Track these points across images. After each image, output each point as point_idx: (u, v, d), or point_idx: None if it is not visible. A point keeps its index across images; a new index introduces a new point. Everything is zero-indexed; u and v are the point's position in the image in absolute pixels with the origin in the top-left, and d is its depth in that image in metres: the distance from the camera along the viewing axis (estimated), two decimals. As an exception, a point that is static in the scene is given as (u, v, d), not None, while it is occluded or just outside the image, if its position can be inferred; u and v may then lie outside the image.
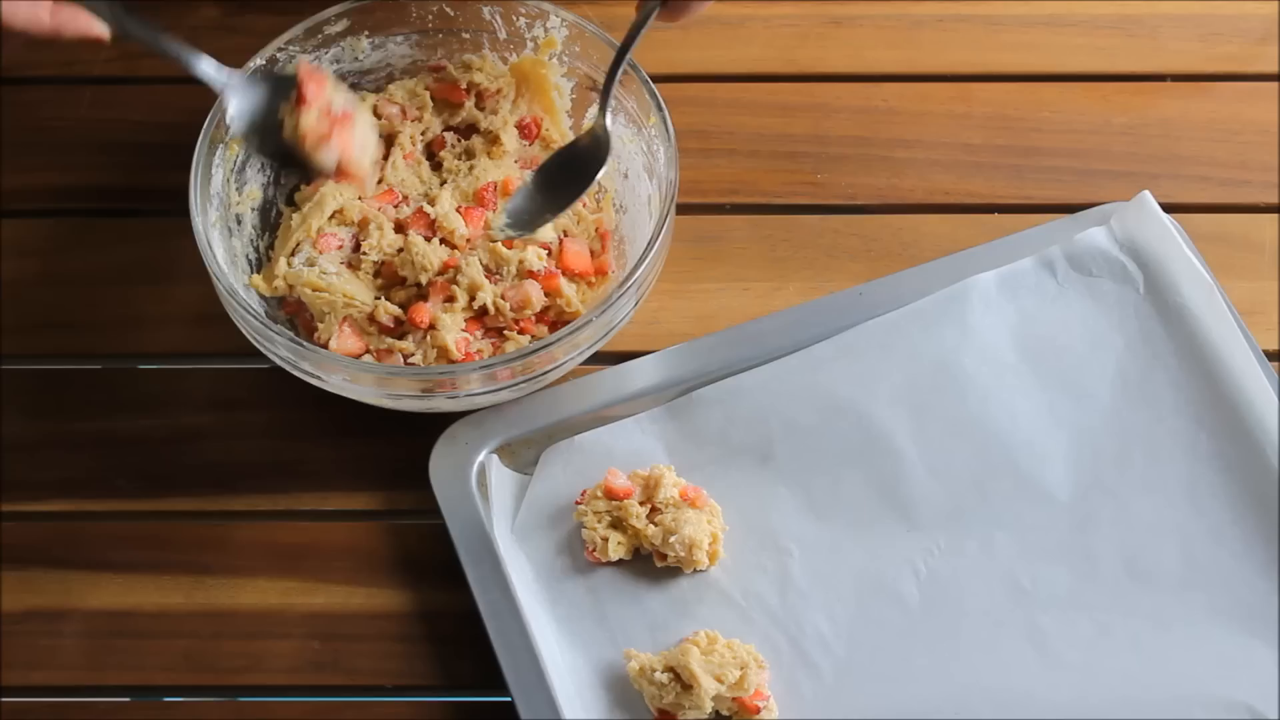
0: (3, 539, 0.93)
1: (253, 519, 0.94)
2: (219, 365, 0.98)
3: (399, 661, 0.90)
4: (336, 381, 0.90)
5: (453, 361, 0.91)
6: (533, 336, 0.93)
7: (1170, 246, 0.96)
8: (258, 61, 0.94)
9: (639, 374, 0.95)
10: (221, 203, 0.94)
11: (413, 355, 0.92)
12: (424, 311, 0.92)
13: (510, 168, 0.99)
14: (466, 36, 1.00)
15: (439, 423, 0.93)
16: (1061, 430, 0.92)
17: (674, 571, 0.90)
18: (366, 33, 0.98)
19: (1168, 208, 0.98)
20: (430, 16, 0.99)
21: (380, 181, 0.98)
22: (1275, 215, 1.02)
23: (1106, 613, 0.88)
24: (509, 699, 0.86)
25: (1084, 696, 0.86)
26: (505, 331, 0.93)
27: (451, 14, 0.99)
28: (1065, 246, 0.97)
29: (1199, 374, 0.93)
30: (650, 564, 0.90)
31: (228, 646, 0.90)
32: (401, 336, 0.93)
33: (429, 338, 0.92)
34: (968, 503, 0.90)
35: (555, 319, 0.94)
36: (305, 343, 0.88)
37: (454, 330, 0.92)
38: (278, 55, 0.95)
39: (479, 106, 1.00)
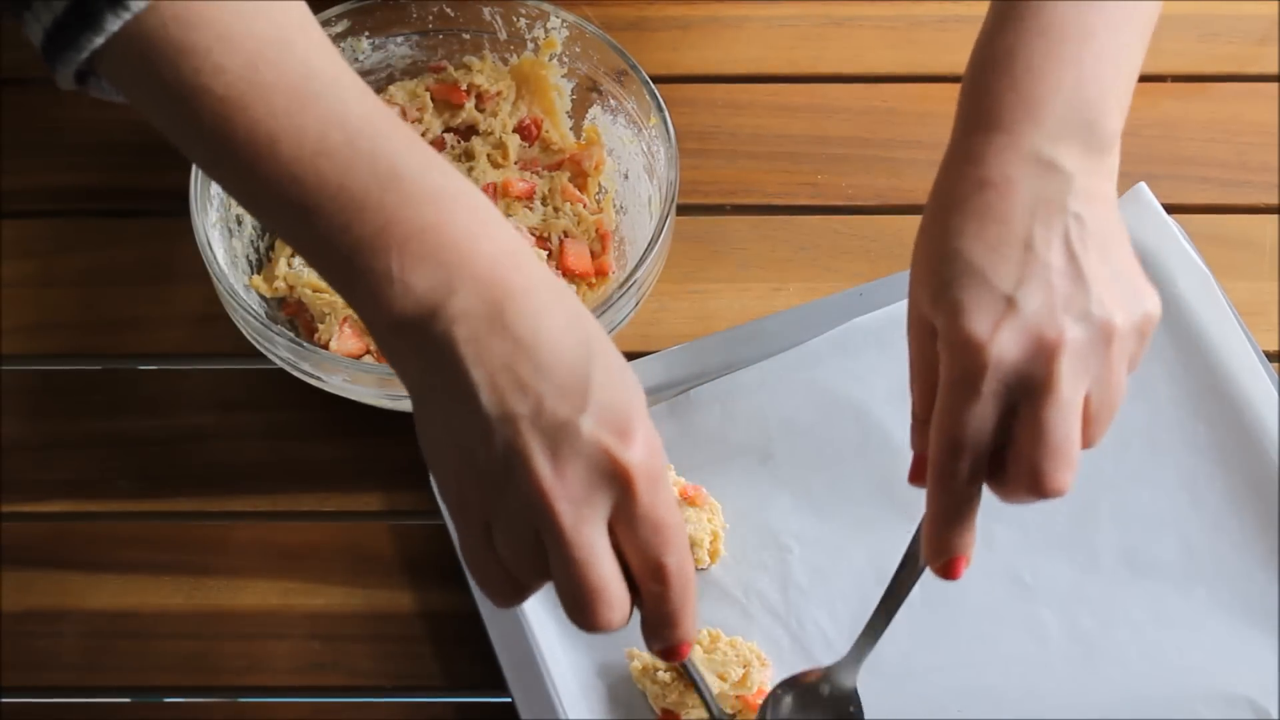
0: (3, 539, 0.92)
1: (253, 519, 0.94)
2: (219, 366, 0.98)
3: (399, 662, 0.90)
4: (337, 382, 0.90)
5: None
6: None
7: (1167, 238, 0.96)
8: None
9: (639, 374, 0.92)
10: (222, 203, 0.94)
11: None
12: (425, 311, 0.92)
13: (510, 169, 0.99)
14: (467, 37, 1.00)
15: (439, 423, 0.93)
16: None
17: (675, 570, 0.90)
18: (367, 33, 0.98)
19: (1168, 208, 0.98)
20: (430, 17, 0.99)
21: None
22: (1275, 215, 1.02)
23: (1107, 606, 0.88)
24: (509, 699, 0.86)
25: (1086, 692, 0.85)
26: (506, 333, 0.93)
27: (452, 14, 0.99)
28: (1063, 240, 0.97)
29: (1196, 365, 0.93)
30: (651, 563, 0.90)
31: (228, 647, 0.90)
32: (403, 336, 0.93)
33: (430, 338, 0.92)
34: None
35: (556, 322, 0.94)
36: (305, 343, 0.88)
37: (455, 330, 0.92)
38: (278, 54, 0.96)
39: (479, 108, 1.00)
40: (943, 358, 0.71)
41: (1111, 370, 0.71)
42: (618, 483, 0.65)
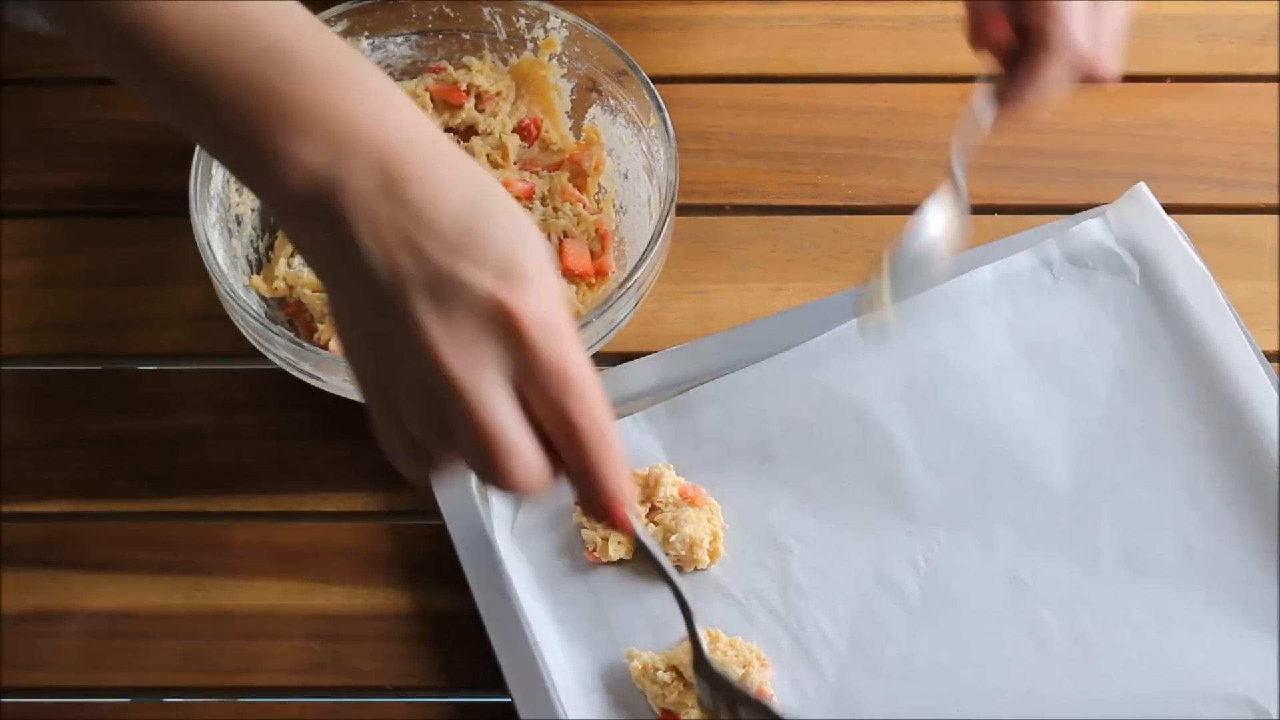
0: (3, 539, 0.92)
1: (253, 519, 0.94)
2: (219, 366, 0.98)
3: (399, 662, 0.90)
4: (336, 382, 0.90)
5: None
6: None
7: (1166, 238, 0.96)
8: None
9: (638, 374, 0.95)
10: (221, 203, 0.94)
11: None
12: (425, 313, 0.92)
13: (510, 169, 0.99)
14: (466, 37, 1.00)
15: (439, 423, 0.93)
16: (1059, 424, 0.92)
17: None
18: (366, 33, 0.98)
19: (1168, 208, 0.98)
20: (430, 17, 0.99)
21: None
22: (1275, 216, 1.02)
23: (1107, 606, 0.88)
24: (509, 699, 0.86)
25: (1085, 692, 0.85)
26: (504, 333, 0.93)
27: (451, 14, 0.99)
28: (1061, 240, 0.97)
29: (1196, 365, 0.93)
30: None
31: (228, 647, 0.90)
32: (400, 337, 0.93)
33: (428, 339, 0.92)
34: (967, 497, 0.91)
35: (555, 324, 0.94)
36: (305, 344, 0.88)
37: (453, 331, 0.92)
38: (277, 53, 0.96)
39: (478, 108, 1.00)
40: None
41: None
42: (509, 330, 0.64)
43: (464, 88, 1.00)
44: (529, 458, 0.65)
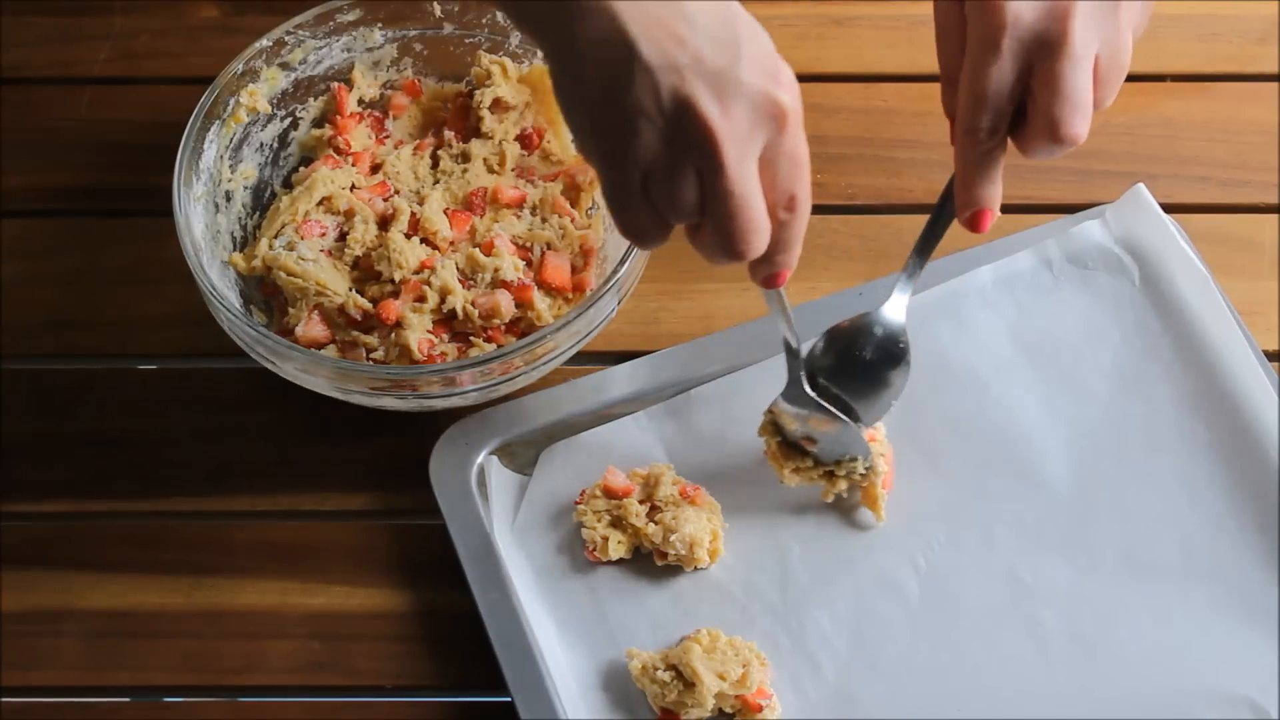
0: (3, 539, 0.93)
1: (252, 519, 0.94)
2: (218, 365, 0.98)
3: (399, 661, 0.90)
4: (290, 370, 0.89)
5: (414, 362, 0.91)
6: (499, 346, 0.92)
7: (1165, 238, 0.96)
8: (264, 43, 0.96)
9: (639, 374, 0.95)
10: (211, 178, 0.95)
11: (375, 351, 0.92)
12: (392, 309, 0.92)
13: (506, 175, 0.99)
14: (479, 41, 1.00)
15: (439, 423, 0.93)
16: (1059, 423, 0.92)
17: (675, 570, 0.90)
18: (380, 24, 0.98)
19: (1167, 208, 0.98)
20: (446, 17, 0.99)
21: (380, 170, 0.98)
22: (1275, 215, 1.02)
23: (1106, 606, 0.88)
24: (509, 699, 0.86)
25: (1085, 691, 0.86)
26: (472, 338, 0.93)
27: (467, 15, 0.99)
28: (1061, 241, 0.97)
29: (1195, 365, 0.93)
30: (650, 563, 0.90)
31: (227, 646, 0.90)
32: (369, 331, 0.93)
33: (394, 335, 0.92)
34: (966, 497, 0.91)
35: (525, 331, 0.94)
36: (260, 328, 0.88)
37: (419, 330, 0.92)
38: (285, 39, 0.97)
39: (492, 109, 0.99)
40: (969, 20, 0.79)
41: (1119, 33, 0.78)
42: (775, 123, 0.72)
43: (487, 103, 0.99)
44: (765, 233, 0.74)
